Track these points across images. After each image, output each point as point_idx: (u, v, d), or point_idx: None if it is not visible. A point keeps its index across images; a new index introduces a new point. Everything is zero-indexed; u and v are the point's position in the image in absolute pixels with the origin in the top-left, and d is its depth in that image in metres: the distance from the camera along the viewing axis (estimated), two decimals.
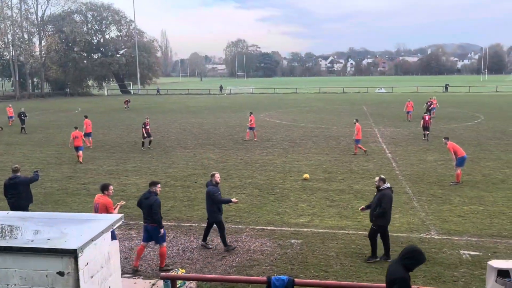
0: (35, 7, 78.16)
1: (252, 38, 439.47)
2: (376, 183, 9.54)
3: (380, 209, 9.23)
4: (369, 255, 9.60)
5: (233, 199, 10.24)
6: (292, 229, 11.46)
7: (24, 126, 30.73)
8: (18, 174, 10.91)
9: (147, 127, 23.61)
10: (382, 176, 9.61)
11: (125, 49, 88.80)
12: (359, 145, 21.31)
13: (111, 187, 8.96)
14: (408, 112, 34.76)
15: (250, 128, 26.11)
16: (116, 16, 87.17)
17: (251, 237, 10.99)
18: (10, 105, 38.85)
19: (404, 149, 22.57)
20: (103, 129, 32.28)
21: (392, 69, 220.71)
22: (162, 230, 8.99)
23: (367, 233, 11.15)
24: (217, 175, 10.19)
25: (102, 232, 5.99)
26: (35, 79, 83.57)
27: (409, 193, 14.59)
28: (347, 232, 11.31)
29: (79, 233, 5.82)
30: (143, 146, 23.64)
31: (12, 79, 75.56)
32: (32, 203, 11.11)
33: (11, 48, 72.99)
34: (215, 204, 9.90)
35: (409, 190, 14.92)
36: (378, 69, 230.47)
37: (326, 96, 67.43)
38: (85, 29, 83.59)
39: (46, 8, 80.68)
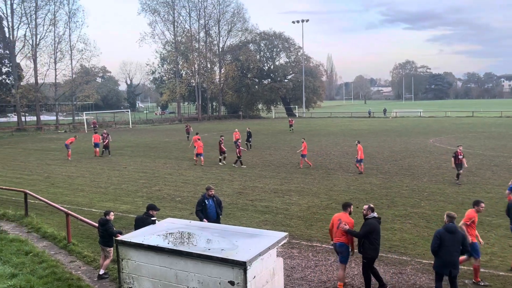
0: (217, 39, 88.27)
1: (422, 59, 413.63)
2: (364, 211, 9.17)
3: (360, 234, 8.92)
4: None
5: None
6: (465, 267, 10.27)
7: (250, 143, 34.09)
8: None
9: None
10: (371, 205, 9.22)
11: (293, 74, 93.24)
12: (361, 164, 22.88)
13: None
14: None
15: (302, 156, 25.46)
16: (286, 43, 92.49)
17: (417, 271, 10.20)
18: (237, 129, 35.84)
19: None
20: (270, 149, 34.10)
21: None
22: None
23: None
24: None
25: (269, 248, 6.28)
26: (214, 103, 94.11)
27: None
28: None
29: (248, 247, 6.21)
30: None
31: (196, 103, 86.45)
32: None
33: (197, 76, 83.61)
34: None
35: None
36: None
37: (510, 121, 59.39)
38: (258, 57, 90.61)
39: (226, 39, 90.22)
